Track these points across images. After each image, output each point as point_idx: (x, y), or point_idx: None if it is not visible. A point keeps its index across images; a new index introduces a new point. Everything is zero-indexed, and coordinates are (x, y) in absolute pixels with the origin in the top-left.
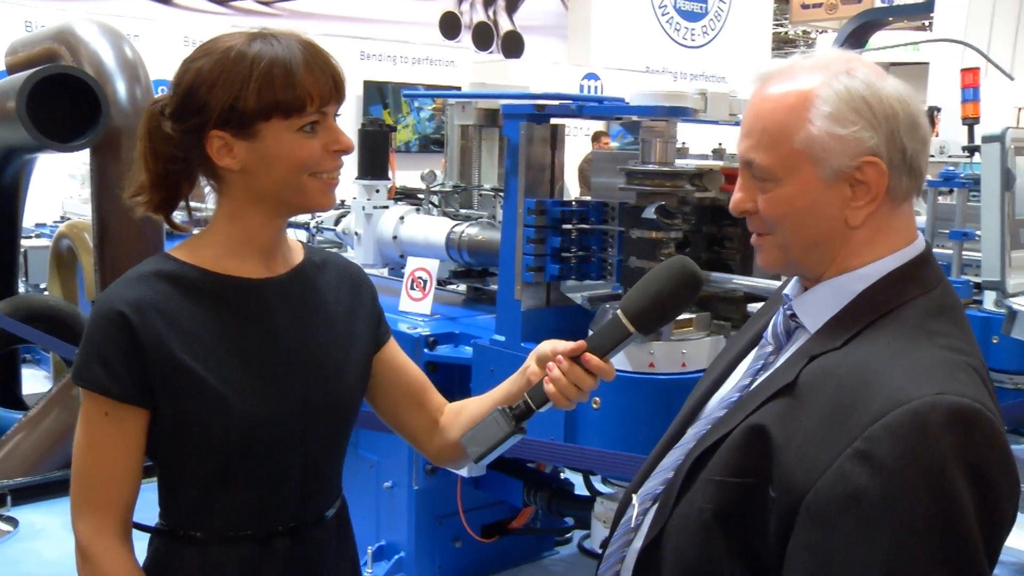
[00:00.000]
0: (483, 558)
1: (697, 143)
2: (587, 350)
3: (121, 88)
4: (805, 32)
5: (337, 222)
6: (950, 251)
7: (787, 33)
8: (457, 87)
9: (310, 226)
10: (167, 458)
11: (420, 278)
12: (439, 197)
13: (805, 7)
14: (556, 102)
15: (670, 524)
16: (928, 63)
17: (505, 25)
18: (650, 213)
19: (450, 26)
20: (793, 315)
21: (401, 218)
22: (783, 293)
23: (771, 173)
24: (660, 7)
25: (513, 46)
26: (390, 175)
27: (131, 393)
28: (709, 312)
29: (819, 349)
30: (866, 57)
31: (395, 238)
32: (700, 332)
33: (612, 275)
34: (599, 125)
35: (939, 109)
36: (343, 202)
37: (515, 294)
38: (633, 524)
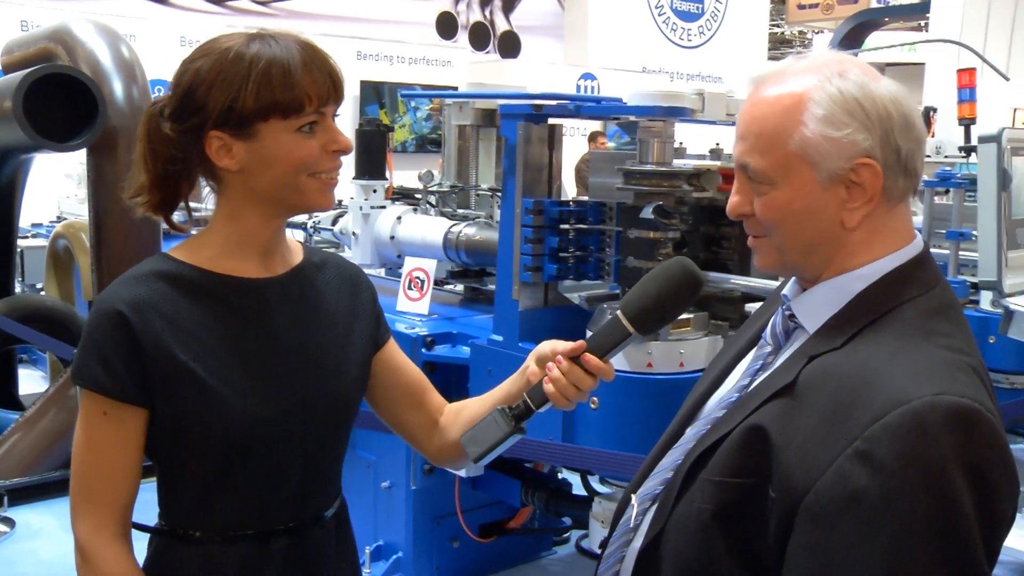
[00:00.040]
0: (481, 558)
1: (694, 143)
2: (587, 350)
3: (118, 88)
4: (801, 32)
5: (334, 222)
6: (946, 251)
7: (783, 33)
8: (454, 87)
9: (307, 226)
10: (166, 458)
11: (417, 278)
12: (436, 197)
13: (801, 7)
14: (554, 102)
15: (669, 524)
16: (924, 64)
17: (501, 25)
18: (648, 213)
19: (446, 26)
20: (792, 315)
21: (398, 218)
22: (781, 293)
23: (766, 176)
24: (656, 7)
25: (509, 46)
26: (387, 175)
27: (130, 393)
28: (707, 312)
29: (818, 349)
30: (862, 58)
31: (392, 238)
32: (698, 332)
33: (610, 275)
34: (596, 125)
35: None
36: (340, 202)
37: (513, 294)
38: (632, 524)
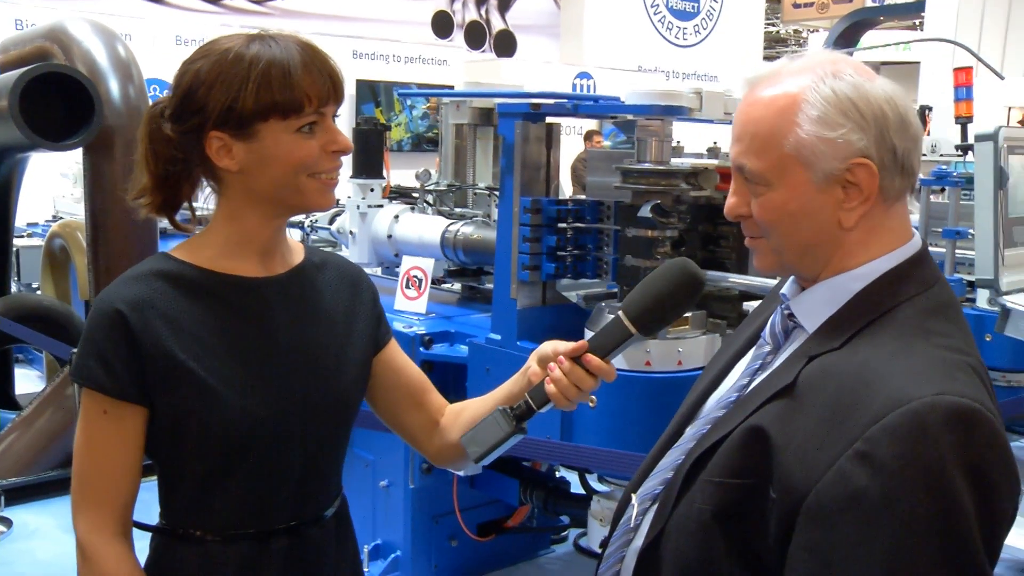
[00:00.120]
0: (479, 557)
1: (692, 142)
2: (588, 351)
3: (114, 87)
4: (796, 31)
5: (332, 221)
6: (943, 249)
7: (779, 32)
8: (450, 86)
9: (304, 225)
10: (166, 457)
11: (415, 277)
12: (434, 196)
13: (796, 6)
14: (552, 101)
15: (670, 525)
16: (919, 62)
17: (497, 24)
18: (646, 212)
19: (442, 25)
20: (791, 315)
21: (396, 217)
22: (780, 293)
23: (762, 177)
24: (652, 6)
25: (505, 45)
26: (385, 174)
27: (129, 391)
28: (705, 310)
29: (818, 349)
30: (857, 57)
31: (390, 237)
32: (696, 331)
33: (608, 274)
34: (591, 124)
35: (930, 108)
36: (337, 201)
37: (511, 293)
38: (632, 524)
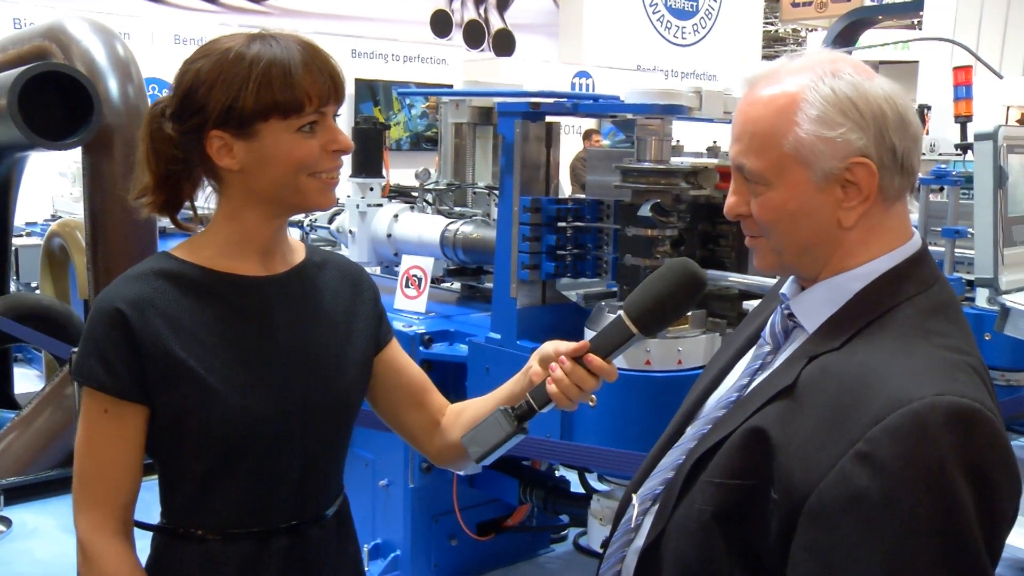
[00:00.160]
0: (479, 556)
1: (692, 141)
2: (590, 351)
3: (113, 86)
4: (795, 30)
5: (331, 220)
6: (942, 248)
7: (777, 31)
8: (448, 85)
9: (303, 224)
10: (166, 456)
11: (415, 276)
12: (433, 195)
13: (795, 5)
14: (551, 100)
15: (670, 525)
16: (918, 61)
17: (496, 23)
18: (646, 211)
19: (441, 24)
20: (791, 315)
21: (395, 216)
22: (780, 292)
23: (762, 177)
24: (651, 5)
25: (504, 44)
26: (384, 173)
27: (130, 390)
28: (704, 310)
29: (818, 350)
30: (856, 56)
31: (389, 236)
32: (696, 330)
33: (607, 273)
34: (590, 123)
35: (929, 107)
36: (336, 200)
37: (511, 292)
38: (633, 524)
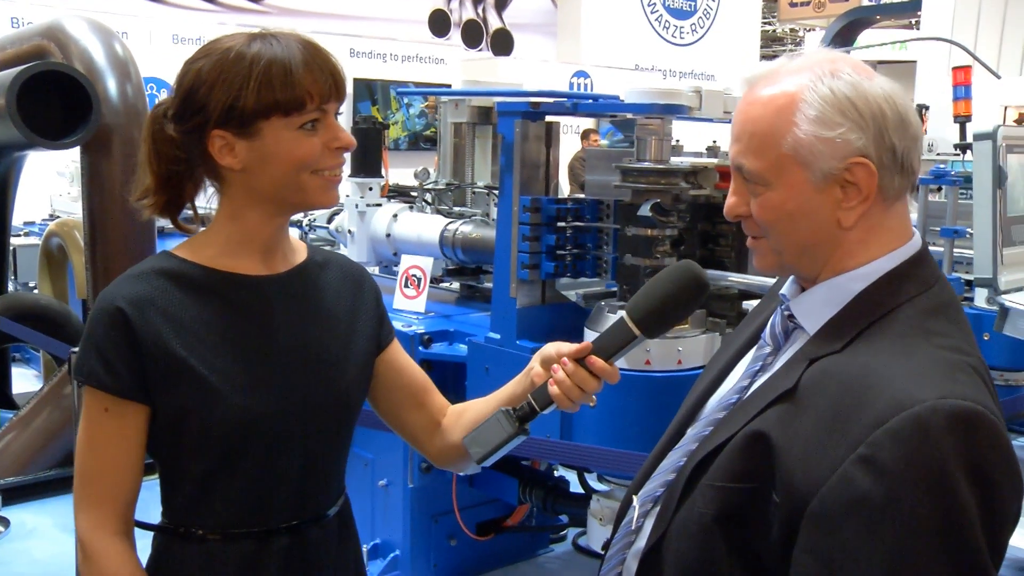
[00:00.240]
0: (478, 556)
1: (691, 141)
2: (592, 352)
3: (112, 85)
4: (793, 30)
5: (330, 220)
6: (941, 248)
7: (775, 31)
8: (447, 84)
9: (303, 224)
10: (167, 455)
11: (414, 276)
12: (432, 195)
13: (793, 5)
14: (551, 100)
15: (671, 528)
16: (915, 61)
17: (494, 23)
18: (645, 211)
19: (439, 23)
20: (791, 316)
21: (394, 216)
22: (780, 293)
23: (761, 177)
24: (649, 5)
25: (502, 44)
26: (383, 173)
27: (130, 389)
28: (704, 309)
29: (819, 352)
30: (854, 55)
31: (388, 236)
32: (696, 330)
33: (607, 273)
34: (588, 123)
35: (927, 107)
36: None
37: (510, 292)
38: (634, 526)
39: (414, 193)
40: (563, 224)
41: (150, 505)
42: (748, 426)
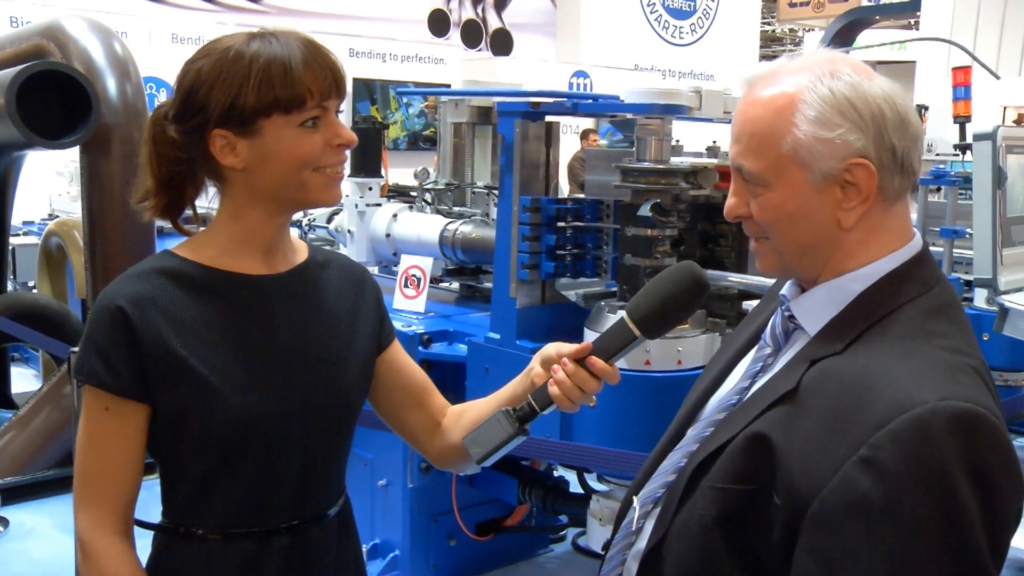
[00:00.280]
0: (478, 556)
1: (691, 141)
2: (592, 353)
3: (111, 85)
4: (792, 30)
5: (329, 220)
6: (941, 248)
7: (774, 31)
8: (446, 84)
9: (302, 223)
10: (167, 455)
11: (414, 276)
12: (432, 195)
13: (792, 5)
14: (551, 100)
15: (672, 529)
16: (915, 62)
17: (494, 22)
18: (645, 211)
19: (438, 23)
20: (791, 316)
21: (394, 216)
22: (780, 293)
23: (761, 178)
24: (649, 5)
25: (502, 43)
26: (383, 173)
27: (130, 388)
28: (704, 309)
29: (820, 353)
30: (853, 56)
31: (388, 236)
32: (695, 330)
33: (607, 272)
34: (588, 123)
35: (926, 108)
36: None
37: (510, 292)
38: (634, 527)
39: (414, 193)
40: (563, 224)
41: (150, 505)
42: (749, 427)
